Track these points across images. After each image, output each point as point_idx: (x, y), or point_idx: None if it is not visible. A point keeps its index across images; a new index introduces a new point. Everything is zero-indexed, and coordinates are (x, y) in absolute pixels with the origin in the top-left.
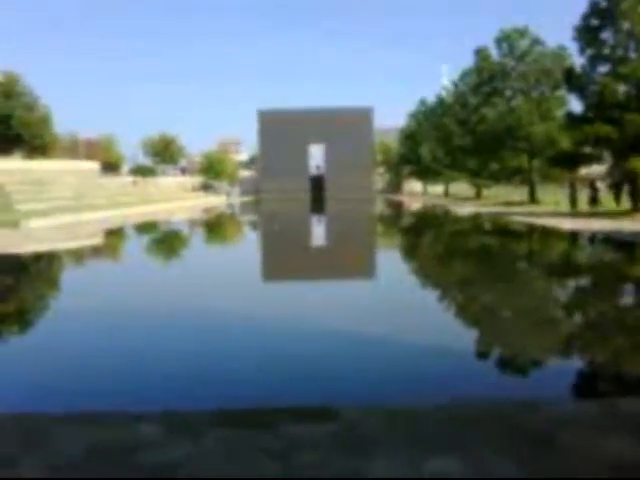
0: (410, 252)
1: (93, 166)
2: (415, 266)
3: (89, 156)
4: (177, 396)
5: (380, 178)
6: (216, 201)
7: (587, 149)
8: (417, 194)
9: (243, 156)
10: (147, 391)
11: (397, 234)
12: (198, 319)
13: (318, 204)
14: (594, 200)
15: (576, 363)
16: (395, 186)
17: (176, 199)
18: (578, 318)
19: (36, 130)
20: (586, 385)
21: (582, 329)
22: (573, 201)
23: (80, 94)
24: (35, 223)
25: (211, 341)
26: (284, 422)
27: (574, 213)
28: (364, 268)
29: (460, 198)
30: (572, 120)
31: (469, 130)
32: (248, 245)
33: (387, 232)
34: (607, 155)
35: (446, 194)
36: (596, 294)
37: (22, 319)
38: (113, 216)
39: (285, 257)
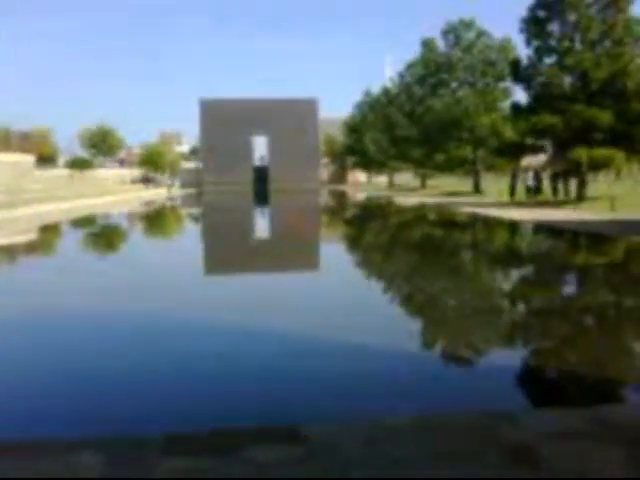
0: (352, 245)
1: (27, 159)
2: (357, 259)
3: (23, 149)
4: (115, 419)
5: (325, 169)
6: (156, 194)
7: (531, 140)
8: (362, 185)
9: (184, 148)
10: (76, 414)
11: (341, 226)
12: (131, 323)
13: (262, 196)
14: (537, 190)
15: (527, 362)
16: (340, 177)
17: (114, 192)
18: (524, 310)
19: None
20: (551, 389)
21: (532, 322)
22: (512, 191)
23: (14, 86)
24: None
25: (149, 349)
26: (247, 446)
27: (515, 203)
28: (306, 262)
29: (405, 189)
30: (517, 111)
31: (415, 121)
32: (187, 239)
33: (331, 224)
34: (549, 146)
35: (391, 185)
36: (538, 283)
37: None
38: (47, 211)
39: (225, 251)
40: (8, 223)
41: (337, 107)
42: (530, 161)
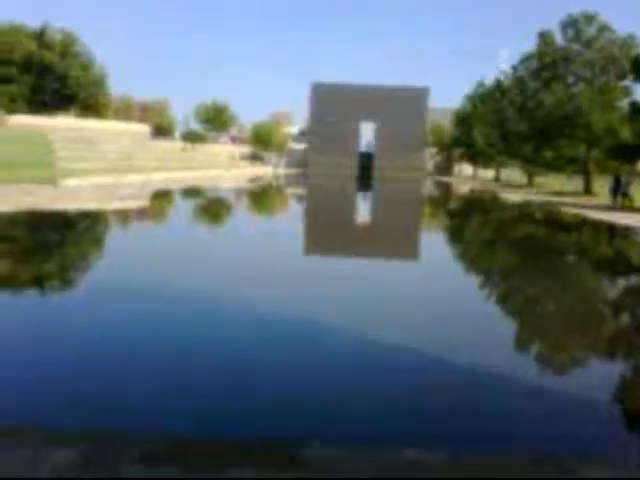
0: (451, 240)
1: (144, 129)
2: (454, 254)
3: (142, 119)
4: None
5: (431, 159)
6: (263, 172)
7: None
8: (467, 178)
9: (294, 129)
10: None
11: (440, 219)
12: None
13: (365, 182)
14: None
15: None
16: (445, 168)
17: (223, 167)
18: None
19: (91, 90)
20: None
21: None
22: (614, 194)
23: (138, 58)
24: (74, 182)
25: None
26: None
27: (625, 207)
28: (401, 254)
29: (511, 185)
30: (636, 111)
31: (525, 116)
32: (283, 220)
33: (430, 216)
34: None
35: (497, 179)
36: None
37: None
38: (156, 180)
39: (322, 236)
40: (116, 188)
41: (448, 98)
42: None
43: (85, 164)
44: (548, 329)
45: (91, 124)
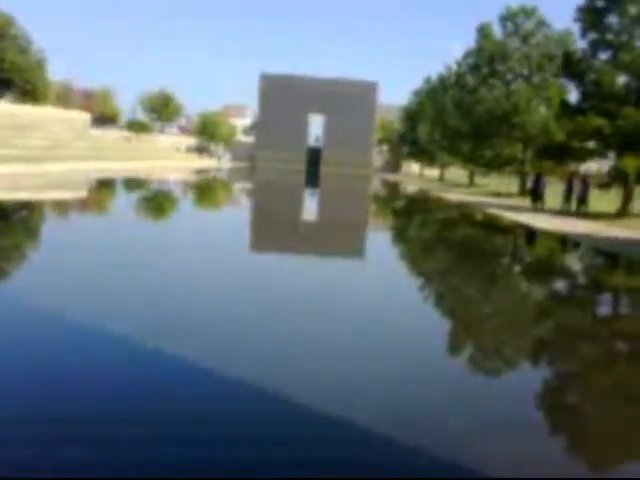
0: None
1: (83, 117)
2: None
3: (85, 107)
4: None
5: (380, 157)
6: (207, 164)
7: (577, 142)
8: (411, 177)
9: (247, 121)
10: None
11: (363, 213)
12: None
13: (313, 177)
14: (582, 200)
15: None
16: (393, 166)
17: (163, 158)
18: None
19: (28, 75)
20: None
21: None
22: (567, 198)
23: (79, 43)
24: None
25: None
26: None
27: (558, 211)
28: (343, 248)
29: (452, 184)
30: (566, 110)
31: (464, 113)
32: (228, 215)
33: (360, 210)
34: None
35: (441, 179)
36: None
37: None
38: (79, 170)
39: (268, 232)
40: (23, 177)
41: (402, 95)
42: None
43: (5, 151)
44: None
45: (25, 110)
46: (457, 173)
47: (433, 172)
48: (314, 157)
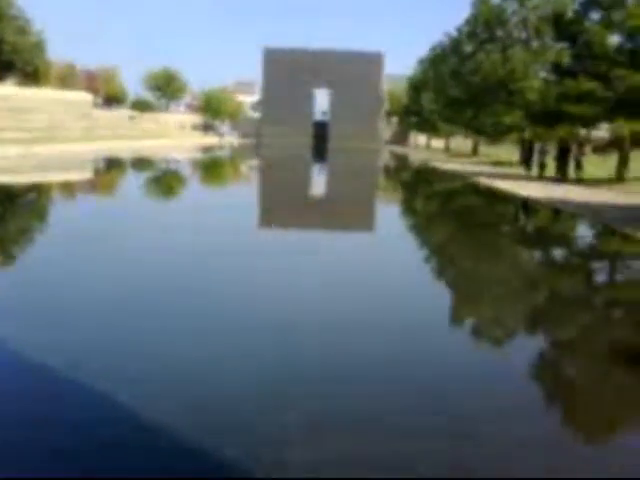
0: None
1: (85, 97)
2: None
3: (89, 88)
4: None
5: (388, 129)
6: (211, 142)
7: (571, 107)
8: (420, 148)
9: (256, 97)
10: None
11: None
12: None
13: (320, 152)
14: (578, 165)
15: None
16: (401, 138)
17: (169, 137)
18: None
19: (29, 56)
20: None
21: None
22: (541, 165)
23: (80, 22)
24: None
25: None
26: None
27: (545, 178)
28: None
29: (456, 155)
30: (559, 73)
31: (462, 80)
32: (231, 196)
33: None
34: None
35: (447, 149)
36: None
37: None
38: (75, 150)
39: (274, 210)
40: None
41: (411, 65)
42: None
43: (4, 134)
44: None
45: (25, 92)
46: (464, 143)
47: (440, 143)
48: (321, 132)
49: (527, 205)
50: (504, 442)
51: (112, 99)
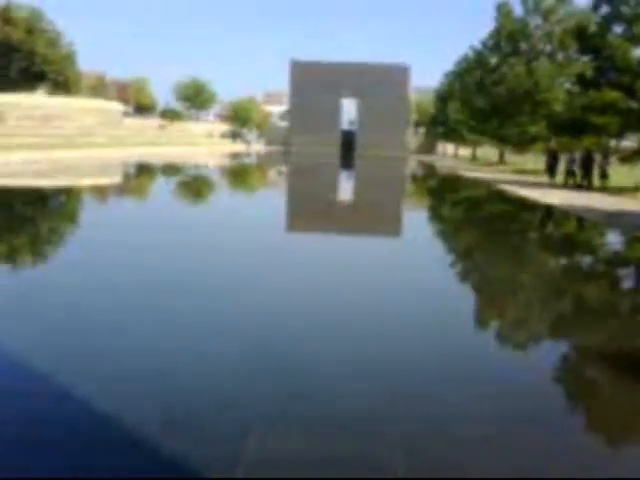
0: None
1: (115, 106)
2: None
3: (121, 98)
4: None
5: (414, 138)
6: (239, 149)
7: (595, 118)
8: (447, 157)
9: (283, 107)
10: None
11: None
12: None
13: (348, 160)
14: (603, 173)
15: None
16: (428, 147)
17: (198, 144)
18: None
19: (60, 67)
20: None
21: None
22: (551, 170)
23: (112, 34)
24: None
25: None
26: None
27: (569, 186)
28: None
29: (483, 163)
30: (583, 85)
31: (485, 92)
32: (261, 199)
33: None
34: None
35: (474, 158)
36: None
37: None
38: (101, 157)
39: (302, 214)
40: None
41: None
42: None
43: (32, 139)
44: None
45: (57, 101)
46: (491, 152)
47: (467, 152)
48: (348, 140)
49: (551, 212)
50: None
51: (142, 109)
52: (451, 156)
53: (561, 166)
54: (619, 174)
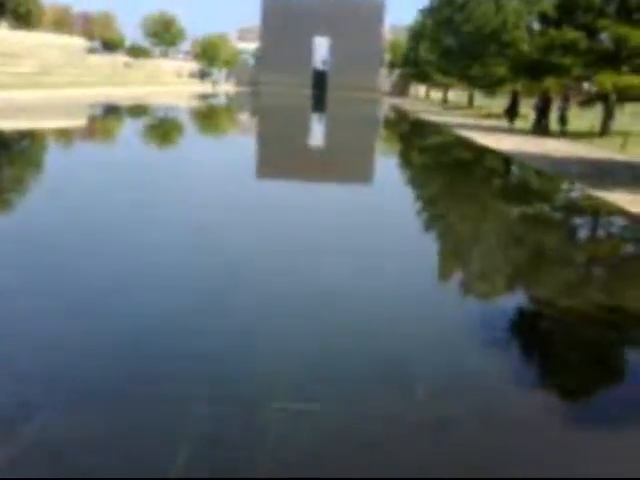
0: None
1: (78, 42)
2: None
3: (85, 33)
4: None
5: (388, 80)
6: (206, 90)
7: (555, 58)
8: (418, 99)
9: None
10: None
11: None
12: None
13: (319, 102)
14: (562, 118)
15: None
16: (401, 89)
17: (164, 84)
18: None
19: None
20: None
21: None
22: (510, 115)
23: None
24: None
25: None
26: None
27: (529, 131)
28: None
29: (451, 107)
30: (545, 24)
31: (454, 30)
32: (228, 144)
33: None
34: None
35: (445, 101)
36: None
37: None
38: (65, 96)
39: (272, 159)
40: None
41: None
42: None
43: None
44: None
45: (16, 36)
46: (463, 95)
47: (439, 95)
48: (320, 81)
49: (498, 158)
50: None
51: (109, 45)
52: (421, 99)
53: (523, 110)
54: (583, 119)
